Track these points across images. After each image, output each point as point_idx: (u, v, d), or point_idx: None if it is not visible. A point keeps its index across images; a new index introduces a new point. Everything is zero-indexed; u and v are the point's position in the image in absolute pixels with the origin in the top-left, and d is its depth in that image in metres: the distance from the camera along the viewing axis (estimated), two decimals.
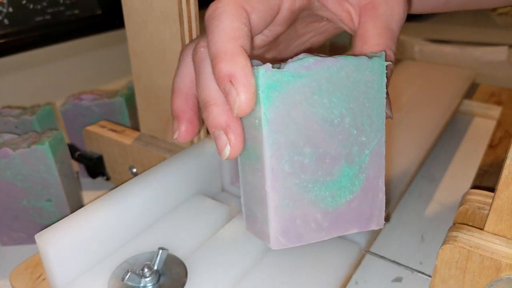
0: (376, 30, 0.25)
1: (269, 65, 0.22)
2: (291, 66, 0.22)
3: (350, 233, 0.26)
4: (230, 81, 0.21)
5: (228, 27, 0.21)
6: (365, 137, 0.25)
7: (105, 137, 0.43)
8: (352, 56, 0.24)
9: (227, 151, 0.23)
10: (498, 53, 0.75)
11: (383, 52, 0.25)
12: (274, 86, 0.22)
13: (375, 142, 0.25)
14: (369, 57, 0.24)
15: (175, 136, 0.27)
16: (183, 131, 0.27)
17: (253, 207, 0.25)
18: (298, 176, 0.24)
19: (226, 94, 0.22)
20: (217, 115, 0.23)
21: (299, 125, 0.23)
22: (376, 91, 0.24)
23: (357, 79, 0.24)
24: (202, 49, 0.24)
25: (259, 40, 0.27)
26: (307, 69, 0.23)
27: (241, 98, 0.21)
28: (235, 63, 0.21)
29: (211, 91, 0.23)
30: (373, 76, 0.24)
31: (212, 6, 0.22)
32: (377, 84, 0.24)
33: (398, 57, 0.75)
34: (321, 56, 0.23)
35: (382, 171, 0.26)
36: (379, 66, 0.24)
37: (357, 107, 0.24)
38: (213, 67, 0.22)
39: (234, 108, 0.21)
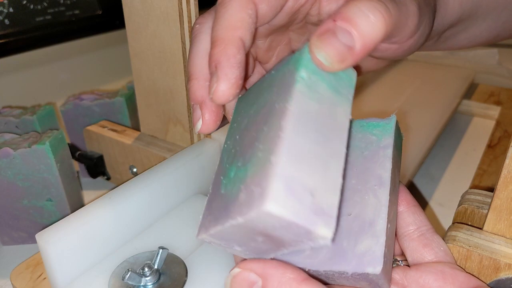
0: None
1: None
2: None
3: None
4: (216, 66, 0.21)
5: (232, 17, 0.22)
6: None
7: (105, 137, 0.43)
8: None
9: (199, 125, 0.24)
10: (489, 56, 0.75)
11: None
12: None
13: None
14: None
15: (198, 126, 0.24)
16: (207, 120, 0.24)
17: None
18: None
19: (210, 77, 0.22)
20: (196, 89, 0.24)
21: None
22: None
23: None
24: (197, 25, 0.25)
25: (263, 29, 0.26)
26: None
27: (219, 85, 0.21)
28: (225, 51, 0.21)
29: (196, 66, 0.24)
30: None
31: None
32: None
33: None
34: None
35: None
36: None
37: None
38: (210, 50, 0.22)
39: (211, 92, 0.22)
